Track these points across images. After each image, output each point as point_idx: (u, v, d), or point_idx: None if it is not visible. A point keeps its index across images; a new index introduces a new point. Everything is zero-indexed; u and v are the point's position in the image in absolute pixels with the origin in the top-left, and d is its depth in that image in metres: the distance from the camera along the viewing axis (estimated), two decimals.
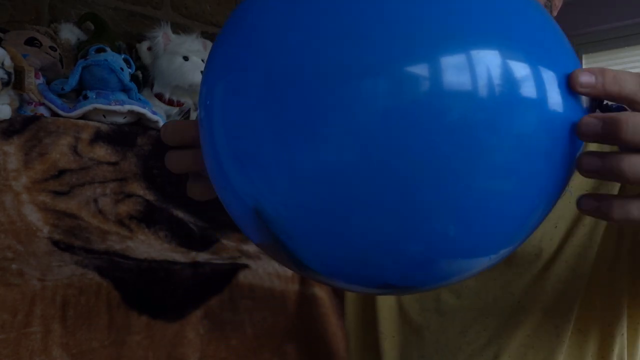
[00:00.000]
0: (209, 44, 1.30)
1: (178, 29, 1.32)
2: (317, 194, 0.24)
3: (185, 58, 1.20)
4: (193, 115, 1.28)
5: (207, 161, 0.30)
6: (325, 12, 0.24)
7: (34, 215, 0.88)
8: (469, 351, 0.51)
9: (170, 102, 1.23)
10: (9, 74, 0.91)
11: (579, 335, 0.48)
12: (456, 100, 0.22)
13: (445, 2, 0.24)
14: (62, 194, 0.95)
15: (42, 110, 1.01)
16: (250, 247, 1.03)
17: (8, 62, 0.91)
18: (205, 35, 1.34)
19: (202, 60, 1.23)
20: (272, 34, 0.25)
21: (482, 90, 0.23)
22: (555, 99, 0.25)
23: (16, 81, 0.93)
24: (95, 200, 0.98)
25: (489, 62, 0.23)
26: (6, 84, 0.91)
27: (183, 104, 1.25)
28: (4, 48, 0.92)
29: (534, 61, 0.24)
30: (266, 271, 0.94)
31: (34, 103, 1.00)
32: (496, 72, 0.23)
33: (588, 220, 0.48)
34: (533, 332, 0.48)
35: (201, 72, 1.20)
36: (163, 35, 1.21)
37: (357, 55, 0.23)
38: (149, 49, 1.28)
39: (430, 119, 0.22)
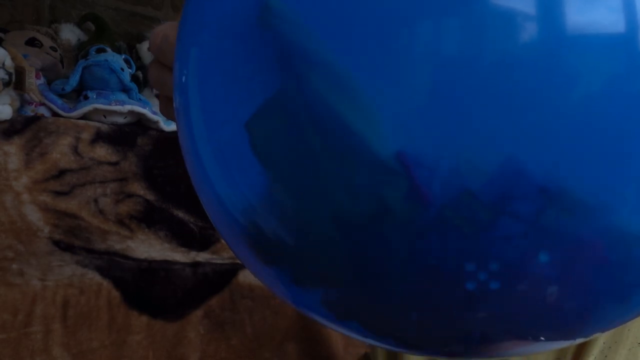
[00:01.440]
0: None
1: None
2: None
3: None
4: None
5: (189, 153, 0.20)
6: None
7: (34, 215, 0.88)
8: None
9: None
10: (9, 74, 0.91)
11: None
12: (608, 50, 0.13)
13: None
14: (63, 194, 0.95)
15: (42, 111, 1.02)
16: None
17: (9, 63, 0.91)
18: None
19: None
20: None
21: None
22: None
23: (17, 81, 0.93)
24: (96, 200, 0.98)
25: None
26: (7, 84, 0.91)
27: None
28: (4, 48, 0.92)
29: None
30: None
31: (34, 103, 1.00)
32: None
33: None
34: None
35: None
36: None
37: None
38: (149, 49, 1.28)
39: (554, 87, 0.13)
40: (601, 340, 0.47)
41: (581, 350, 0.47)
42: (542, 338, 0.18)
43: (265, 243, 0.18)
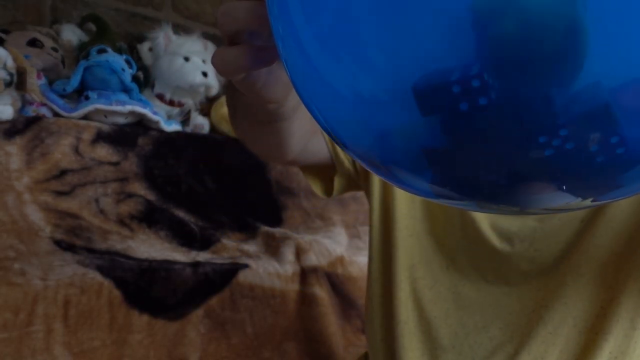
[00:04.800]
0: (210, 45, 1.30)
1: (179, 29, 1.33)
2: None
3: (186, 59, 1.21)
4: (194, 116, 1.28)
5: None
6: None
7: (35, 215, 0.89)
8: (490, 347, 0.51)
9: (171, 103, 1.24)
10: (11, 74, 0.92)
11: (599, 334, 0.48)
12: None
13: None
14: (64, 193, 0.96)
15: (43, 111, 1.02)
16: (251, 247, 1.04)
17: (10, 63, 0.92)
18: (206, 36, 1.35)
19: (203, 61, 1.23)
20: None
21: None
22: None
23: (18, 82, 0.94)
24: (97, 200, 0.98)
25: None
26: (8, 85, 0.91)
27: (184, 105, 1.26)
28: (6, 49, 0.92)
29: None
30: (266, 271, 0.95)
31: (35, 103, 1.01)
32: None
33: (608, 213, 0.47)
34: (555, 329, 0.49)
35: (202, 72, 1.21)
36: (164, 36, 1.21)
37: None
38: (150, 49, 1.29)
39: None
40: (607, 350, 0.47)
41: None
42: (565, 188, 0.20)
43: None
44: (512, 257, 0.50)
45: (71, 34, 1.22)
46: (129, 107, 1.09)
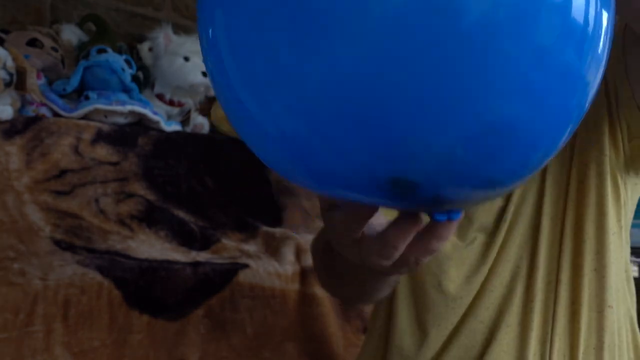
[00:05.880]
0: None
1: (179, 29, 1.33)
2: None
3: (186, 59, 1.21)
4: (194, 116, 1.28)
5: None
6: None
7: (35, 215, 0.89)
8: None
9: (171, 103, 1.24)
10: (11, 74, 0.92)
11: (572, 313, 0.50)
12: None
13: None
14: (64, 193, 0.96)
15: (43, 111, 1.02)
16: (251, 247, 1.04)
17: (10, 63, 0.92)
18: None
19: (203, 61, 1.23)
20: None
21: None
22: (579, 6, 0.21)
23: (18, 82, 0.94)
24: (97, 200, 0.98)
25: None
26: (8, 85, 0.91)
27: (184, 105, 1.26)
28: (6, 49, 0.92)
29: None
30: (266, 270, 0.95)
31: (35, 103, 1.01)
32: None
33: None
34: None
35: (202, 72, 1.21)
36: (164, 36, 1.21)
37: None
38: (150, 49, 1.28)
39: (445, 22, 0.19)
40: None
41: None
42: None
43: None
44: None
45: (71, 34, 1.22)
46: (129, 107, 1.09)
